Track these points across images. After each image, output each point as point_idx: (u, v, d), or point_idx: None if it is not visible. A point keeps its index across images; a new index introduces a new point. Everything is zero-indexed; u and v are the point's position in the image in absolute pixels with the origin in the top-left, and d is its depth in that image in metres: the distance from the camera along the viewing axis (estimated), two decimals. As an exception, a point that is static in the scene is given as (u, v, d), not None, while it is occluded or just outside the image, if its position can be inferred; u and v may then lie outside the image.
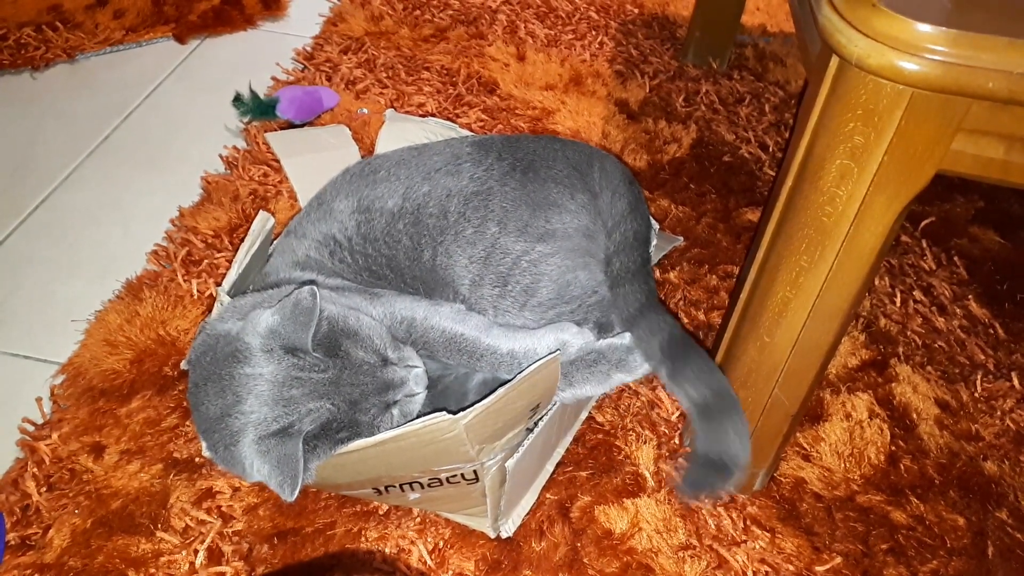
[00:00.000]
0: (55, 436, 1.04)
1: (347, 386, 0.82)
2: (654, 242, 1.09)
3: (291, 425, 0.80)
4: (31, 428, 1.05)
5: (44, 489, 0.99)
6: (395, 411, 0.85)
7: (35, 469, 1.00)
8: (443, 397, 0.93)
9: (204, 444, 0.86)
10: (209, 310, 1.13)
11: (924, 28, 0.57)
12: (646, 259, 1.02)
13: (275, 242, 1.10)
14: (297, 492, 0.77)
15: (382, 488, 0.89)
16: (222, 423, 0.81)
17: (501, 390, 0.76)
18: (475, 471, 0.83)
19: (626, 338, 0.93)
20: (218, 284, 1.22)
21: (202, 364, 0.85)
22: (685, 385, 0.87)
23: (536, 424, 0.88)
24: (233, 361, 0.82)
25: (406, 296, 0.98)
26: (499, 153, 1.05)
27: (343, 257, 1.02)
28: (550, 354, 0.81)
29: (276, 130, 1.52)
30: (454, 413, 0.75)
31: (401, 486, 0.87)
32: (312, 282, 0.88)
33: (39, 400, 1.09)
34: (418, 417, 0.83)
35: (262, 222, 1.01)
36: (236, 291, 0.95)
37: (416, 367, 0.88)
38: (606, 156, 1.12)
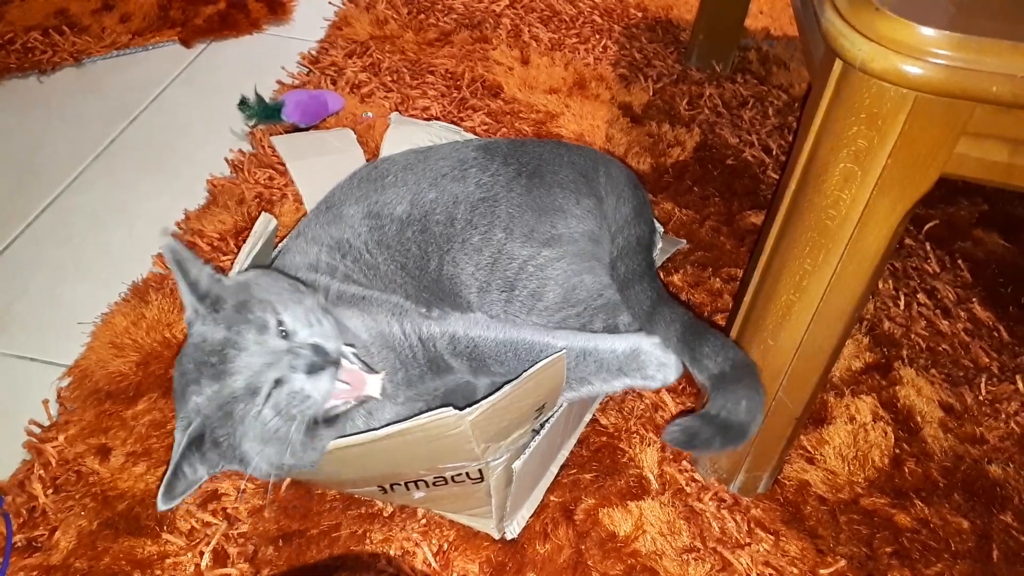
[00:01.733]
0: (61, 438, 1.04)
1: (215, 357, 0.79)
2: (659, 245, 1.09)
3: (192, 431, 0.80)
4: (37, 430, 1.06)
5: (50, 491, 0.99)
6: (284, 393, 0.78)
7: (41, 471, 1.01)
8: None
9: None
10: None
11: (928, 32, 0.57)
12: (651, 262, 1.02)
13: (282, 243, 1.11)
14: (162, 502, 0.79)
15: (387, 487, 0.89)
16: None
17: (507, 387, 0.76)
18: (480, 470, 0.83)
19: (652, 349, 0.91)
20: (223, 287, 1.23)
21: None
22: (705, 362, 0.85)
23: (542, 426, 0.88)
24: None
25: (432, 316, 0.96)
26: (505, 158, 1.06)
27: (357, 259, 1.02)
28: (554, 353, 0.81)
29: (281, 134, 1.53)
30: (460, 408, 0.75)
31: (406, 484, 0.87)
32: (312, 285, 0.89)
33: (46, 402, 1.09)
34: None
35: (264, 223, 1.02)
36: None
37: (303, 349, 0.79)
38: (611, 160, 1.13)
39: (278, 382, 0.78)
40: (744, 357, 0.84)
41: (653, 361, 0.88)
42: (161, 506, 0.79)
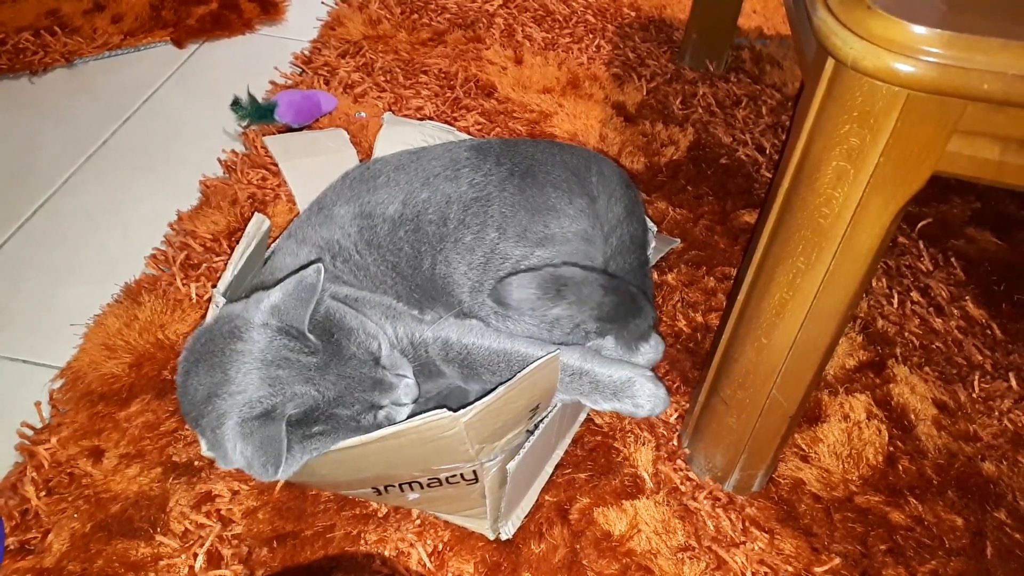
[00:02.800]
0: (54, 440, 1.04)
1: (334, 376, 0.82)
2: (652, 244, 1.09)
3: (274, 408, 0.79)
4: (30, 432, 1.06)
5: (43, 493, 0.99)
6: (380, 414, 0.85)
7: (34, 473, 1.00)
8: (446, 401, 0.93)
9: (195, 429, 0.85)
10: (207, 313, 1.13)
11: (919, 30, 0.57)
12: (643, 261, 1.02)
13: (274, 243, 1.10)
14: (280, 473, 0.77)
15: (382, 488, 0.89)
16: (209, 404, 0.80)
17: (501, 389, 0.76)
18: (474, 471, 0.83)
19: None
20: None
21: (195, 348, 0.85)
22: None
23: (536, 426, 0.88)
24: (229, 338, 0.82)
25: (424, 318, 0.97)
26: (497, 158, 1.06)
27: (347, 259, 1.02)
28: (548, 354, 0.81)
29: (274, 134, 1.53)
30: (454, 410, 0.75)
31: (400, 486, 0.87)
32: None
33: (38, 404, 1.09)
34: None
35: (257, 224, 1.01)
36: (232, 292, 0.95)
37: (407, 377, 0.88)
38: (604, 160, 1.13)
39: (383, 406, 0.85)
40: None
41: (646, 392, 0.91)
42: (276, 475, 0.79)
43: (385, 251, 1.02)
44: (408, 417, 0.85)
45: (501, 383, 0.77)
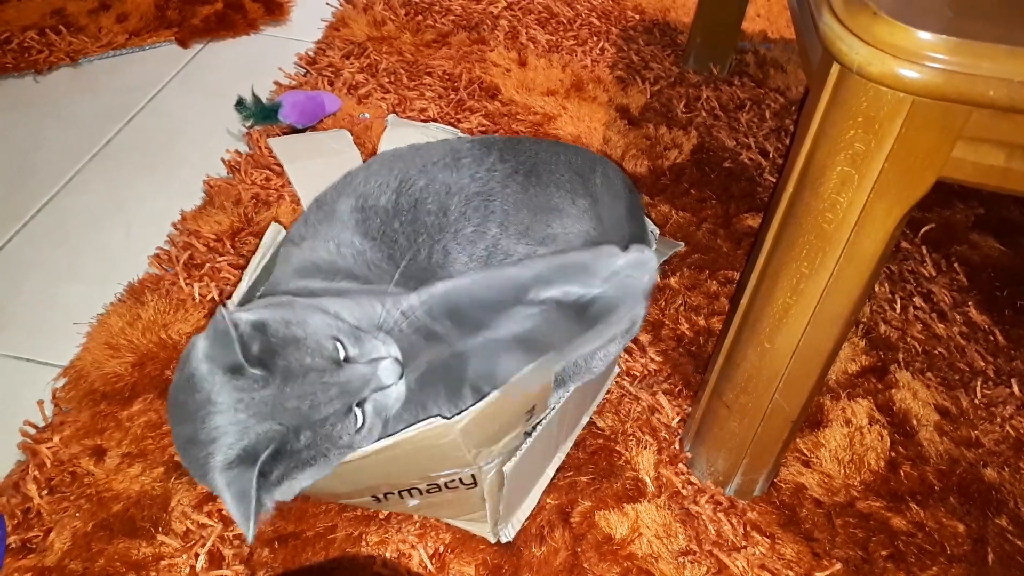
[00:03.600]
0: (56, 439, 1.04)
1: (294, 400, 0.76)
2: (653, 247, 1.09)
3: (246, 453, 0.75)
4: (32, 431, 1.06)
5: (45, 492, 0.99)
6: (367, 408, 0.80)
7: (36, 472, 1.00)
8: (433, 387, 0.88)
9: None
10: (211, 315, 1.13)
11: (925, 36, 0.57)
12: None
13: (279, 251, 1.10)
14: (252, 527, 0.73)
15: (381, 496, 0.89)
16: (191, 450, 0.77)
17: (495, 393, 0.76)
18: (473, 475, 0.83)
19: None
20: (220, 288, 1.23)
21: (171, 397, 0.82)
22: None
23: (534, 428, 0.88)
24: (188, 389, 0.78)
25: (423, 287, 0.95)
26: (501, 154, 1.05)
27: (351, 254, 1.01)
28: (545, 358, 0.81)
29: (278, 135, 1.53)
30: (448, 417, 0.75)
31: (400, 493, 0.87)
32: (299, 293, 0.87)
33: (40, 403, 1.09)
34: (417, 421, 0.81)
35: (273, 234, 1.01)
36: (246, 303, 0.94)
37: (383, 358, 0.81)
38: (607, 162, 1.13)
39: (365, 399, 0.80)
40: None
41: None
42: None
43: (378, 242, 1.00)
44: (407, 423, 0.82)
45: (496, 324, 0.74)
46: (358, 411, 0.79)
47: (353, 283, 0.97)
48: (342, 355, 0.80)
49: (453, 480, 0.84)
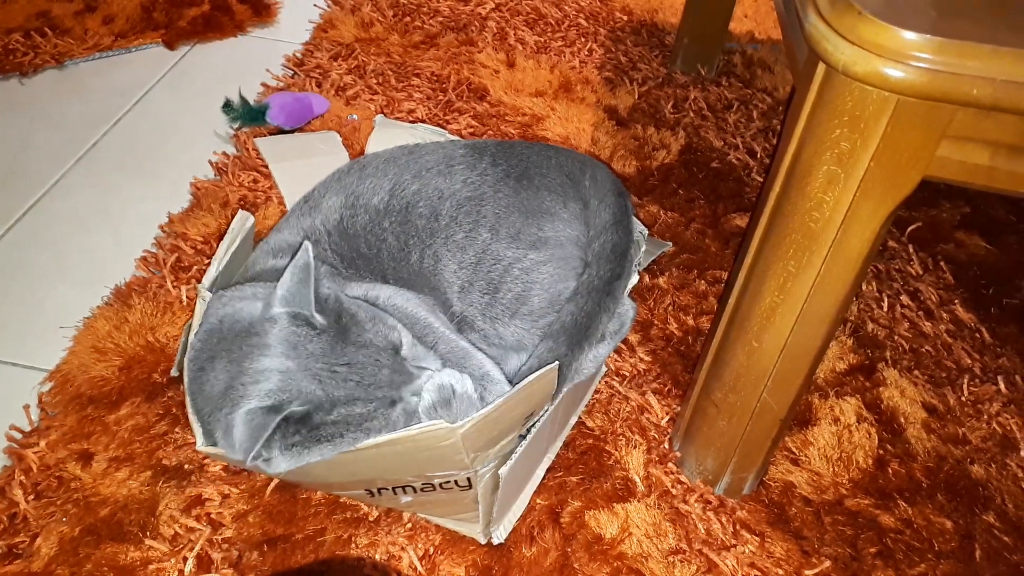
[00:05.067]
0: (43, 443, 1.03)
1: (343, 364, 0.79)
2: (643, 248, 1.09)
3: (281, 404, 0.76)
4: (19, 436, 1.05)
5: (32, 497, 0.98)
6: (397, 409, 0.82)
7: (22, 477, 1.00)
8: None
9: (200, 432, 0.82)
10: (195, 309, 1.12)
11: (909, 36, 0.57)
12: (616, 275, 1.00)
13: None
14: (250, 458, 0.74)
15: (374, 490, 0.89)
16: (226, 396, 0.78)
17: (499, 400, 0.76)
18: (468, 478, 0.83)
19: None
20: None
21: (209, 345, 0.83)
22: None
23: (529, 431, 0.88)
24: (244, 335, 0.80)
25: (377, 283, 0.96)
26: (493, 158, 1.05)
27: (319, 241, 1.01)
28: (547, 366, 0.81)
29: (266, 136, 1.52)
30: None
31: (394, 489, 0.87)
32: (269, 271, 0.88)
33: (27, 407, 1.08)
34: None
35: (242, 220, 1.01)
36: (217, 289, 0.94)
37: (429, 369, 0.84)
38: (598, 165, 1.13)
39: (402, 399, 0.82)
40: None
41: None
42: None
43: (360, 240, 1.00)
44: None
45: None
46: (397, 407, 0.81)
47: (323, 266, 0.98)
48: (401, 351, 0.83)
49: (448, 481, 0.84)
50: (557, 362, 0.83)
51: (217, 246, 1.29)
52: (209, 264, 1.26)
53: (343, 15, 1.88)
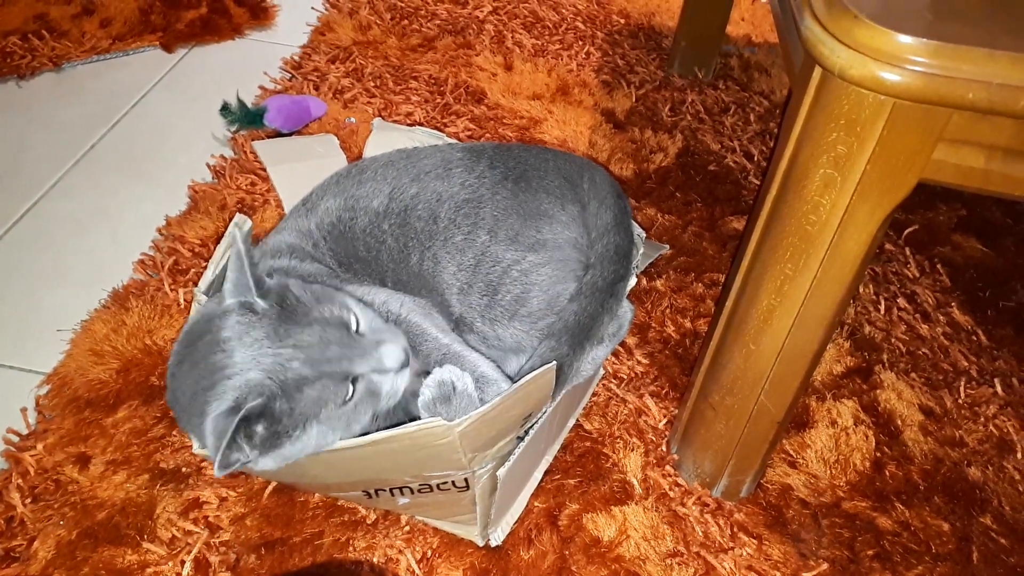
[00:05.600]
0: (40, 447, 1.03)
1: (290, 344, 0.77)
2: (640, 250, 1.10)
3: (238, 402, 0.75)
4: (16, 439, 1.05)
5: (29, 500, 0.98)
6: (359, 386, 0.80)
7: (20, 480, 1.00)
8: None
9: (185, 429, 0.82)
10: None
11: (905, 39, 0.57)
12: (620, 276, 1.00)
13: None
14: (219, 459, 0.73)
15: (372, 492, 0.89)
16: (193, 402, 0.77)
17: (497, 399, 0.76)
18: (466, 479, 0.83)
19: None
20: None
21: (178, 350, 0.83)
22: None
23: (527, 433, 0.88)
24: (203, 333, 0.79)
25: (375, 286, 0.96)
26: (491, 161, 1.06)
27: (317, 244, 1.02)
28: (545, 365, 0.81)
29: (264, 139, 1.52)
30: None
31: (391, 490, 0.87)
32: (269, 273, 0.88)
33: (24, 410, 1.08)
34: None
35: (238, 223, 1.01)
36: (213, 292, 0.95)
37: (388, 342, 0.82)
38: (596, 167, 1.13)
39: (359, 377, 0.80)
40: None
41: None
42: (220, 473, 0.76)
43: (359, 242, 1.00)
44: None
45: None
46: (358, 385, 0.80)
47: (316, 265, 0.99)
48: (353, 327, 0.82)
49: (446, 482, 0.84)
50: (555, 362, 0.83)
51: (214, 249, 1.29)
52: (206, 267, 1.27)
53: (341, 18, 1.88)
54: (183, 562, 0.93)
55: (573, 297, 0.97)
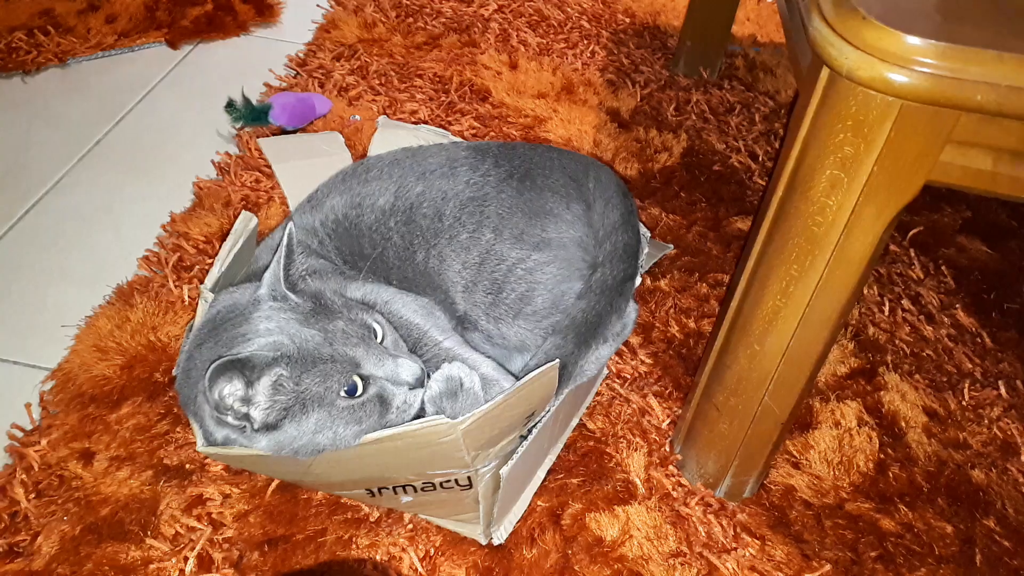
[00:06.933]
0: (44, 442, 1.03)
1: (317, 330, 0.79)
2: (645, 250, 1.10)
3: (251, 356, 0.76)
4: (20, 434, 1.05)
5: (33, 496, 0.98)
6: (371, 388, 0.80)
7: (24, 475, 1.00)
8: None
9: (200, 432, 0.83)
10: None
11: (913, 41, 0.57)
12: (629, 275, 1.01)
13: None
14: (214, 409, 0.76)
15: (375, 490, 0.89)
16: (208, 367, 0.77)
17: (499, 396, 0.76)
18: (469, 477, 0.83)
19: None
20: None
21: (200, 335, 0.84)
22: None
23: (530, 431, 0.88)
24: (232, 321, 0.81)
25: (381, 284, 0.97)
26: (496, 160, 1.06)
27: (322, 242, 1.02)
28: (548, 362, 0.81)
29: (268, 136, 1.52)
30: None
31: (394, 488, 0.87)
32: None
33: (28, 406, 1.08)
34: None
35: (244, 221, 1.01)
36: (219, 289, 0.95)
37: (407, 359, 0.83)
38: (601, 166, 1.13)
39: (371, 379, 0.81)
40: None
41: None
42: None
43: (365, 240, 1.01)
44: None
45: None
46: (358, 380, 0.80)
47: (321, 261, 1.00)
48: (379, 338, 0.84)
49: (449, 480, 0.84)
50: (558, 360, 0.83)
51: (219, 246, 1.30)
52: (211, 264, 1.27)
53: (346, 15, 1.88)
54: (186, 558, 0.93)
55: (581, 295, 0.98)
